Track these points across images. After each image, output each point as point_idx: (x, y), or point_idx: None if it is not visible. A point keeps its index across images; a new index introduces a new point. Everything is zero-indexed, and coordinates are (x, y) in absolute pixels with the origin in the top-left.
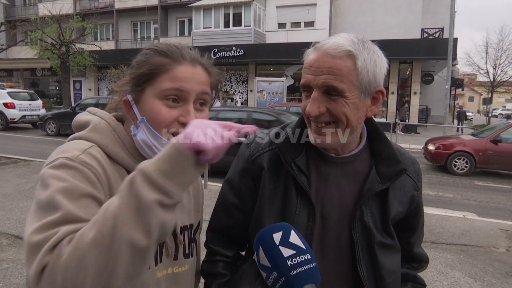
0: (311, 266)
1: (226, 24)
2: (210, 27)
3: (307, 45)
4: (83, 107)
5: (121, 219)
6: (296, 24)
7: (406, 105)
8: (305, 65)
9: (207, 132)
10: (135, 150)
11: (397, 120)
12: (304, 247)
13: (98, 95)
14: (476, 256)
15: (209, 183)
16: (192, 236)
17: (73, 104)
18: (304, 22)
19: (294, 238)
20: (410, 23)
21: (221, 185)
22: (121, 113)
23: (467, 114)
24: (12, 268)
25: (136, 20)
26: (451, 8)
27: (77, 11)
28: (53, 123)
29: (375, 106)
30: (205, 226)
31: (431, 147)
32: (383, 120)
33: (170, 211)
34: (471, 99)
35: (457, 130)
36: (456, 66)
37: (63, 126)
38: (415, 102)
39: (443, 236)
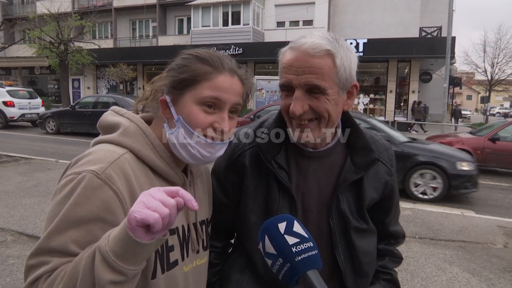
0: (314, 253)
1: (225, 23)
2: (209, 26)
3: None
4: (82, 106)
5: (81, 284)
6: (294, 23)
7: (422, 104)
8: (284, 65)
9: (151, 204)
10: (165, 152)
11: (412, 121)
12: (307, 235)
13: (97, 93)
14: (474, 252)
15: None
16: (208, 229)
17: (72, 103)
18: (303, 21)
19: (297, 227)
20: (408, 21)
21: None
22: (149, 114)
23: (464, 112)
24: (18, 264)
25: (134, 19)
26: (449, 7)
27: (76, 9)
28: (52, 122)
29: (351, 100)
30: None
31: None
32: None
33: (124, 285)
34: (469, 97)
35: (455, 129)
36: (454, 64)
37: (62, 124)
38: (413, 100)
39: (441, 233)
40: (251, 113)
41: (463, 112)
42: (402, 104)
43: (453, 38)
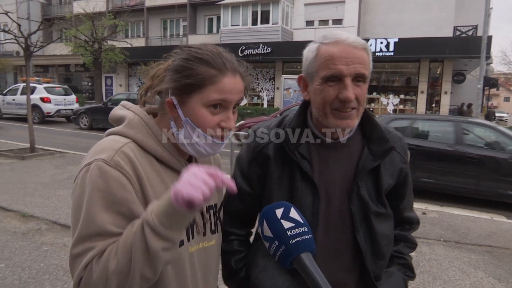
0: (308, 237)
1: (254, 22)
2: (238, 25)
3: None
4: (114, 103)
5: (135, 258)
6: (324, 22)
7: (473, 106)
8: (329, 57)
9: (196, 184)
10: (167, 142)
11: None
12: (302, 221)
13: (129, 91)
14: (502, 257)
15: None
16: (217, 214)
17: (104, 99)
18: (332, 20)
19: (293, 213)
20: (442, 20)
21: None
22: (154, 107)
23: (500, 115)
24: (51, 251)
25: (165, 18)
26: (485, 4)
27: (110, 9)
28: (86, 118)
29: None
30: None
31: None
32: None
33: (172, 252)
34: (507, 99)
35: None
36: (491, 65)
37: (95, 120)
38: (445, 102)
39: (468, 236)
40: (278, 112)
41: (499, 114)
42: (433, 105)
43: (489, 38)
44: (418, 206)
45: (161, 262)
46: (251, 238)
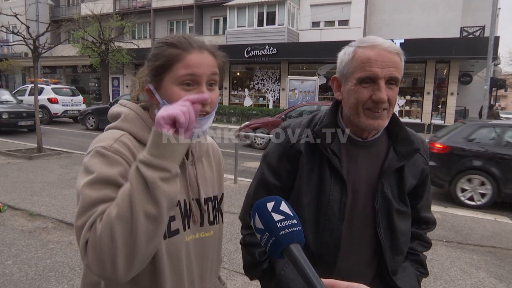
0: (297, 229)
1: (260, 23)
2: (244, 26)
3: (341, 43)
4: None
5: (135, 196)
6: (330, 23)
7: (495, 108)
8: (366, 60)
9: (174, 107)
10: None
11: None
12: (291, 214)
13: None
14: (504, 258)
15: (238, 178)
16: (217, 206)
17: (111, 100)
18: (338, 21)
19: (283, 207)
20: (449, 21)
21: (249, 181)
22: (146, 102)
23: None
24: (57, 248)
25: (172, 19)
26: (493, 5)
27: (117, 10)
28: (92, 118)
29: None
30: (232, 210)
31: None
32: (417, 120)
33: (172, 184)
34: None
35: None
36: (499, 66)
37: (102, 121)
38: (451, 103)
39: (470, 237)
40: (283, 112)
41: (507, 115)
42: (440, 106)
43: (497, 38)
44: None
45: (162, 195)
46: None
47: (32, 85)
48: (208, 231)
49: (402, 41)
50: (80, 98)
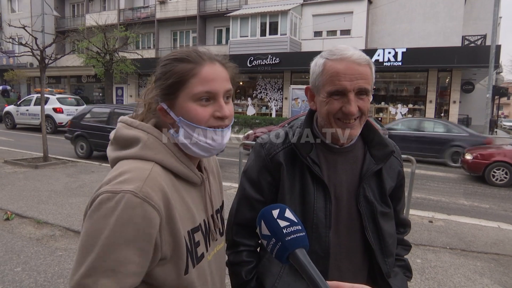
0: (302, 234)
1: (263, 33)
2: (247, 36)
3: None
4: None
5: None
6: (332, 32)
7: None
8: (334, 73)
9: None
10: (182, 155)
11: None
12: (296, 220)
13: None
14: (508, 265)
15: None
16: (221, 216)
17: None
18: (340, 30)
19: (288, 214)
20: (450, 30)
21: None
22: (155, 121)
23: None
24: (65, 256)
25: (176, 30)
26: (493, 14)
27: (121, 21)
28: None
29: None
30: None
31: (468, 156)
32: None
33: None
34: None
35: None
36: (501, 74)
37: None
38: (454, 111)
39: (474, 244)
40: (286, 121)
41: (508, 123)
42: (442, 114)
43: (498, 47)
44: (425, 215)
45: None
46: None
47: (38, 95)
48: (220, 243)
49: (404, 50)
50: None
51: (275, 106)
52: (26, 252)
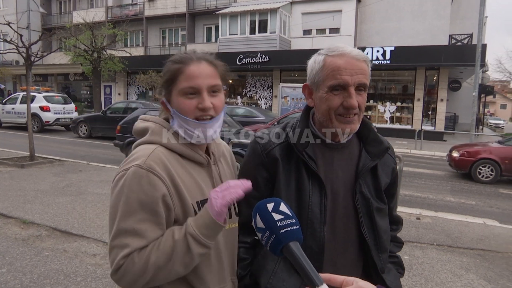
0: (296, 227)
1: (252, 31)
2: (236, 34)
3: None
4: (113, 111)
5: (175, 259)
6: (321, 31)
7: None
8: (335, 68)
9: (227, 198)
10: (185, 140)
11: None
12: (290, 214)
13: (127, 99)
14: (493, 260)
15: None
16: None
17: (103, 108)
18: (330, 29)
19: (283, 207)
20: (437, 29)
21: None
22: (167, 115)
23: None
24: (52, 256)
25: (164, 27)
26: (479, 13)
27: (109, 18)
28: (85, 126)
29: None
30: None
31: (455, 154)
32: (408, 127)
33: (204, 256)
34: (503, 106)
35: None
36: (487, 72)
37: (94, 129)
38: (441, 109)
39: (460, 240)
40: (275, 119)
41: (495, 121)
42: (430, 112)
43: (484, 46)
44: (413, 212)
45: (195, 263)
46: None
47: (24, 93)
48: (235, 222)
49: (393, 48)
50: (72, 106)
51: (264, 104)
52: (11, 253)
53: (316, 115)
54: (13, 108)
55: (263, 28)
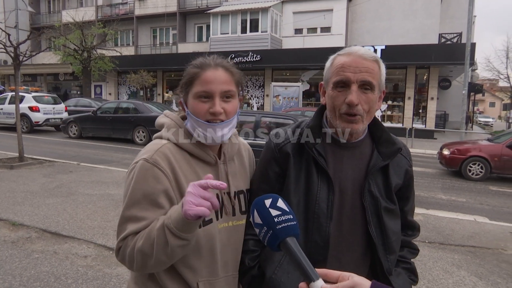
0: (293, 223)
1: (243, 30)
2: (228, 33)
3: (323, 50)
4: (104, 111)
5: (157, 248)
6: (312, 30)
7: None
8: (340, 65)
9: (197, 202)
10: (196, 139)
11: None
12: (287, 210)
13: (118, 99)
14: (483, 257)
15: None
16: (246, 198)
17: (94, 108)
18: (321, 28)
19: (280, 203)
20: (427, 28)
21: None
22: (184, 114)
23: (485, 120)
24: (42, 258)
25: (155, 26)
26: (468, 12)
27: (99, 17)
28: (75, 126)
29: (380, 102)
30: None
31: (445, 152)
32: (399, 125)
33: (186, 248)
34: (492, 104)
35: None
36: (476, 71)
37: (84, 129)
38: (432, 107)
39: (451, 237)
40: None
41: (485, 119)
42: (420, 111)
43: (473, 44)
44: None
45: (176, 256)
46: None
47: (13, 93)
48: (240, 220)
49: (383, 47)
50: (62, 106)
51: (256, 103)
52: (0, 256)
53: (327, 113)
54: (1, 109)
55: (254, 27)
